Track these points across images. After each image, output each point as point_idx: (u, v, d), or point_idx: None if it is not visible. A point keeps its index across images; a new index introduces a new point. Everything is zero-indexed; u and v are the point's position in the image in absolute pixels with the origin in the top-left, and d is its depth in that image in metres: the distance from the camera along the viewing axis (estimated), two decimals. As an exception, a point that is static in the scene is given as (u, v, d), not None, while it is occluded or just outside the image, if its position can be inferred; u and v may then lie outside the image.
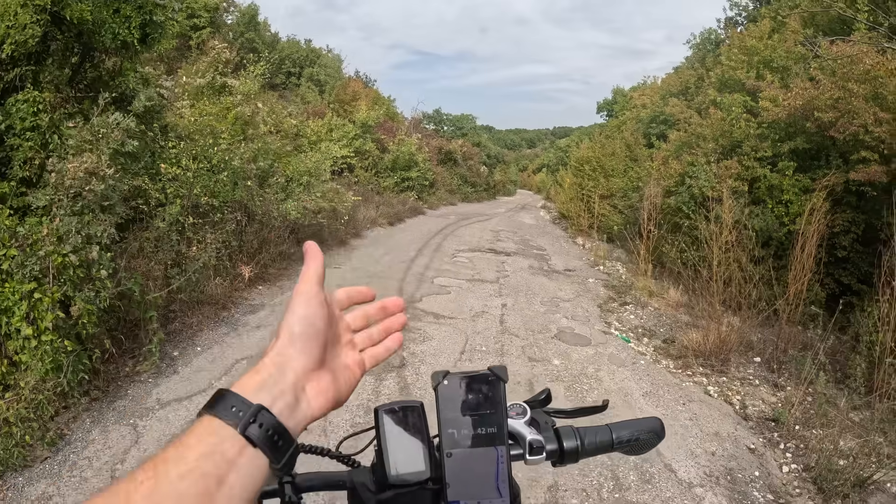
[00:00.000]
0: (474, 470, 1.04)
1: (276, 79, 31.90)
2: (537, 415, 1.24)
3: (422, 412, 1.07)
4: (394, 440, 1.05)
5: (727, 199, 8.78)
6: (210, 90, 11.43)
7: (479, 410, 1.04)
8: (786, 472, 5.03)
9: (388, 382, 6.21)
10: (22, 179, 5.62)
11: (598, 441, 1.22)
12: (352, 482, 1.16)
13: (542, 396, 1.29)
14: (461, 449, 1.04)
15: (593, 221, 19.25)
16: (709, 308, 8.03)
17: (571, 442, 1.20)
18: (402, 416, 1.06)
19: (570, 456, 1.20)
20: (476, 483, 1.04)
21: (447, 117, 72.36)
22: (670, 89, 24.87)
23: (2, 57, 5.46)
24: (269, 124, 13.33)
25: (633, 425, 1.27)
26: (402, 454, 1.05)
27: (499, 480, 1.04)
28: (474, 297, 10.02)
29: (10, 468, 4.22)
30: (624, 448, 1.26)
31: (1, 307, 4.87)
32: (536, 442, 1.15)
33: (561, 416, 1.29)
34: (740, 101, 12.45)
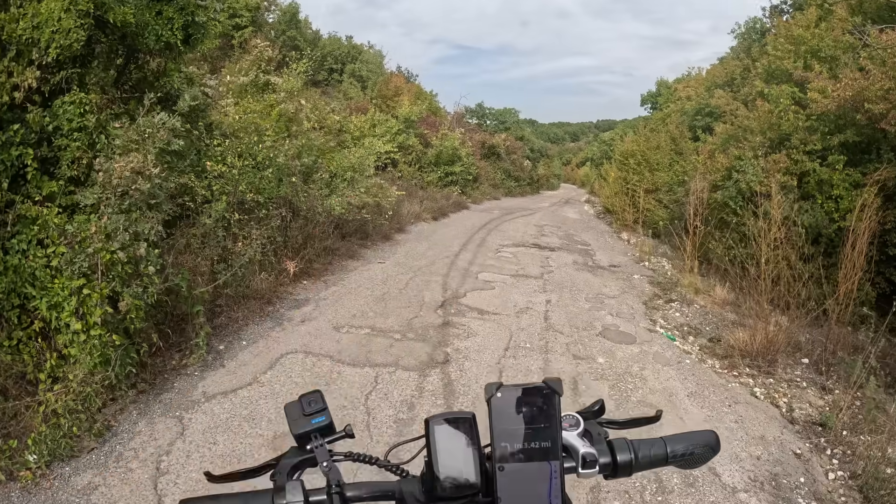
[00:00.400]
0: (527, 484, 1.02)
1: (318, 76, 32.13)
2: (590, 426, 1.22)
3: (473, 423, 1.07)
4: (444, 451, 1.05)
5: (776, 195, 8.60)
6: (253, 88, 11.53)
7: (534, 424, 1.03)
8: (831, 480, 4.92)
9: (432, 378, 6.21)
10: (70, 179, 5.69)
11: (653, 455, 1.20)
12: (400, 492, 1.15)
13: (595, 408, 1.27)
14: (514, 462, 1.02)
15: (638, 216, 19.04)
16: (756, 307, 7.88)
17: (625, 455, 1.18)
18: (453, 427, 1.06)
19: (623, 470, 1.18)
20: (528, 498, 1.02)
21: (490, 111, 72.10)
22: (715, 80, 24.52)
23: (48, 61, 5.54)
24: (313, 120, 13.40)
25: (687, 439, 1.24)
26: (452, 466, 1.05)
27: (551, 496, 1.02)
28: (518, 293, 9.98)
29: (57, 458, 4.30)
30: (678, 462, 1.23)
31: (51, 302, 4.97)
32: (590, 455, 1.13)
33: (613, 427, 1.27)
34: (788, 93, 12.16)
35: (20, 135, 5.39)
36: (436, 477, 1.04)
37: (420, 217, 17.79)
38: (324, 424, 1.18)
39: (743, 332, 7.63)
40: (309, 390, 1.21)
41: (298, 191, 10.05)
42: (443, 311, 8.54)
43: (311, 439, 1.16)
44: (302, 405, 1.19)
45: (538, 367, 6.71)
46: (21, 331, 5.14)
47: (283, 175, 9.52)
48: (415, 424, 5.21)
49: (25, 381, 4.86)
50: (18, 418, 4.49)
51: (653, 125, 26.12)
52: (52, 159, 5.75)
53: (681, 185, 16.43)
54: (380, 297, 8.90)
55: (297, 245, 9.71)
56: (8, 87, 5.35)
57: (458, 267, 11.65)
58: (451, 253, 13.12)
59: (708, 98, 22.38)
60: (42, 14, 5.42)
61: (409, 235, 15.26)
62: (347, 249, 11.62)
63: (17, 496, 3.93)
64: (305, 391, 1.21)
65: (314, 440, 1.16)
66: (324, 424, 1.18)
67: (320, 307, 8.20)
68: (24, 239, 5.26)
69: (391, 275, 10.46)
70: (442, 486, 1.04)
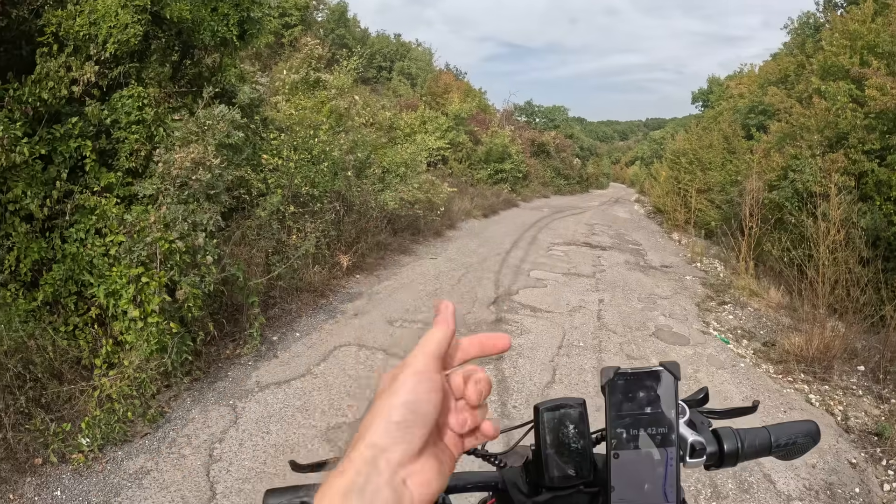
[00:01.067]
0: (641, 473, 0.95)
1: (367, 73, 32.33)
2: (693, 415, 1.14)
3: (584, 411, 1.01)
4: (553, 439, 0.99)
5: (834, 196, 8.38)
6: (304, 85, 11.59)
7: (649, 409, 0.95)
8: (887, 491, 4.75)
9: (485, 373, 6.14)
10: (128, 170, 5.78)
11: (758, 444, 1.14)
12: (503, 482, 1.10)
13: (700, 396, 1.20)
14: (628, 450, 0.95)
15: (689, 217, 18.75)
16: (812, 311, 7.68)
17: (731, 444, 1.12)
18: (563, 414, 1.00)
19: (729, 459, 1.12)
20: (642, 487, 0.95)
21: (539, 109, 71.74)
22: (768, 77, 23.96)
23: (105, 56, 5.62)
24: (364, 116, 13.45)
25: (790, 428, 1.18)
26: (561, 454, 0.99)
27: (666, 485, 0.95)
28: (570, 292, 9.89)
29: (110, 442, 4.34)
30: (780, 452, 1.17)
31: (109, 290, 5.03)
32: (699, 444, 1.05)
33: (713, 417, 1.20)
34: (845, 90, 11.77)
35: (79, 127, 5.50)
36: (544, 466, 0.98)
37: (471, 214, 17.80)
38: None
39: (798, 336, 7.41)
40: None
41: (352, 185, 10.10)
42: (495, 307, 8.49)
43: None
44: None
45: (591, 366, 6.62)
46: (77, 317, 5.22)
47: (337, 169, 9.57)
48: (470, 420, 5.16)
49: (81, 366, 4.91)
50: (73, 402, 4.54)
51: (705, 123, 25.68)
52: (110, 151, 5.86)
53: (734, 185, 16.10)
54: (432, 293, 8.88)
55: (351, 239, 9.74)
56: (66, 81, 5.44)
57: (509, 264, 11.59)
58: (502, 250, 13.07)
59: (761, 95, 21.90)
60: (99, 10, 5.51)
61: (460, 232, 15.26)
62: (399, 245, 11.66)
63: (68, 478, 3.97)
64: None
65: None
66: None
67: (373, 301, 8.20)
68: (83, 228, 5.36)
69: (443, 271, 10.45)
70: (550, 476, 0.98)
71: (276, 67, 13.13)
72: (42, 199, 5.24)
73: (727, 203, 16.20)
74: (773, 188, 12.43)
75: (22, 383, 4.29)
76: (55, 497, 3.79)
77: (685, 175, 20.28)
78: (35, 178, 5.22)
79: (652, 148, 60.45)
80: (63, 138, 5.42)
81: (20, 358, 4.38)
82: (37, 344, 4.60)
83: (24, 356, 4.44)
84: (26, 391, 4.27)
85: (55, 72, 5.38)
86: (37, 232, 5.30)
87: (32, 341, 4.56)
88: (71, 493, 3.84)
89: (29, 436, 4.08)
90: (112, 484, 3.96)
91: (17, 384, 4.26)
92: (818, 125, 12.01)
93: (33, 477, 3.93)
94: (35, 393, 4.39)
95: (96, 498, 3.81)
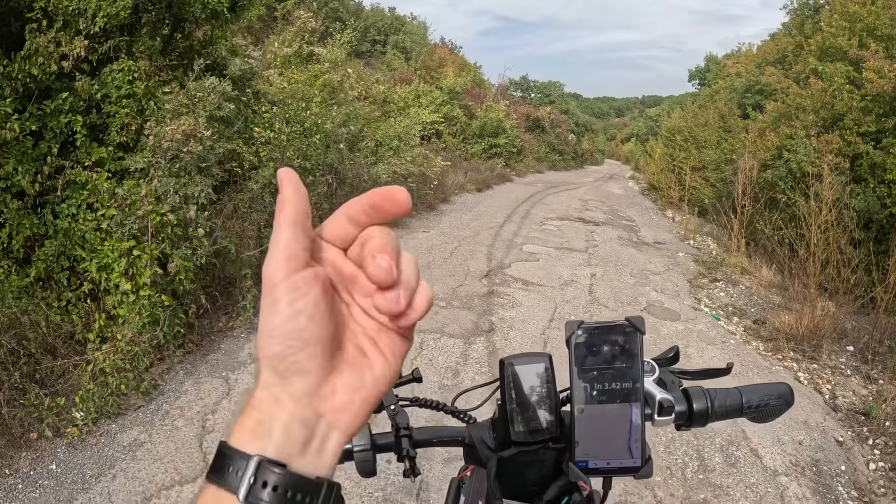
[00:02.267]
0: (606, 428, 0.96)
1: (361, 47, 32.11)
2: (664, 374, 1.14)
3: (550, 365, 1.01)
4: (519, 394, 0.99)
5: (827, 176, 8.39)
6: (297, 59, 11.52)
7: (614, 364, 0.96)
8: (872, 470, 4.79)
9: (477, 346, 6.19)
10: (119, 145, 5.77)
11: (728, 404, 1.14)
12: (470, 438, 1.10)
13: (670, 354, 1.19)
14: (593, 405, 0.96)
15: (684, 194, 18.72)
16: (803, 290, 7.72)
17: (701, 404, 1.11)
18: (529, 369, 1.00)
19: (698, 419, 1.12)
20: (607, 442, 0.96)
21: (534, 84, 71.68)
22: (766, 57, 23.80)
23: (95, 30, 5.58)
24: (357, 89, 13.38)
25: (762, 390, 1.18)
26: (527, 409, 1.00)
27: (631, 440, 0.96)
28: (563, 266, 9.91)
29: (104, 415, 4.36)
30: (752, 413, 1.17)
31: (101, 264, 5.04)
32: (667, 401, 1.05)
33: (685, 377, 1.19)
34: (843, 71, 11.72)
35: (69, 103, 5.47)
36: (510, 421, 0.99)
37: (464, 188, 17.72)
38: None
39: (789, 315, 7.45)
40: None
41: (344, 158, 10.07)
42: (488, 280, 8.51)
43: None
44: None
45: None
46: (70, 292, 5.23)
47: (330, 142, 9.54)
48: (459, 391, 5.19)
49: (74, 340, 4.93)
50: (66, 377, 4.56)
51: (701, 101, 25.61)
52: (101, 126, 5.84)
53: (728, 164, 16.06)
54: (424, 266, 8.88)
55: (343, 212, 9.63)
56: (56, 56, 5.40)
57: (502, 238, 11.60)
58: (495, 224, 13.06)
59: (758, 75, 21.78)
60: (88, -16, 5.46)
61: (453, 206, 15.22)
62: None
63: (63, 452, 4.00)
64: None
65: None
66: None
67: (366, 275, 8.14)
68: (74, 203, 5.36)
69: (436, 244, 10.46)
70: (516, 431, 0.99)
71: (268, 40, 13.02)
72: (33, 176, 5.22)
73: (721, 181, 16.17)
74: (768, 167, 12.38)
75: (16, 359, 4.31)
76: (50, 471, 3.81)
77: (680, 152, 20.19)
78: (26, 154, 5.20)
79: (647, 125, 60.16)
80: (53, 114, 5.40)
81: (13, 334, 4.38)
82: (30, 320, 4.60)
83: (18, 332, 4.44)
84: (20, 367, 4.28)
85: (45, 47, 5.34)
86: (28, 208, 5.28)
87: (26, 317, 4.57)
88: (66, 466, 3.87)
89: (23, 411, 4.10)
90: (106, 456, 3.98)
91: (11, 360, 4.27)
92: (814, 106, 11.93)
93: (28, 452, 3.95)
94: (29, 368, 4.40)
95: (90, 471, 3.84)
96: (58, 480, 3.74)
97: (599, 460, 0.97)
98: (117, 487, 3.71)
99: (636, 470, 0.97)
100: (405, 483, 3.86)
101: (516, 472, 1.05)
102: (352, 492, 3.76)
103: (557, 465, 1.04)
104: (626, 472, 0.98)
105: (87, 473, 3.81)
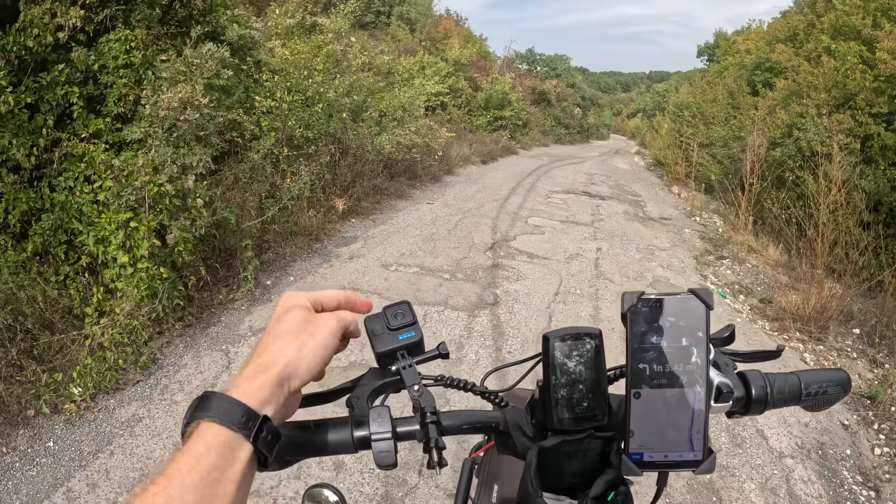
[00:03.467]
0: (664, 416, 0.84)
1: (366, 18, 31.80)
2: (717, 355, 0.99)
3: (600, 343, 0.88)
4: (564, 375, 0.87)
5: (837, 156, 8.26)
6: (300, 29, 11.37)
7: (677, 342, 0.83)
8: (877, 455, 4.72)
9: (481, 319, 6.11)
10: (117, 116, 5.70)
11: (788, 391, 1.00)
12: (505, 423, 0.96)
13: (725, 334, 1.03)
14: (651, 389, 0.84)
15: (690, 170, 18.53)
16: (810, 270, 7.64)
17: (760, 389, 0.98)
18: (575, 347, 0.87)
19: (756, 406, 0.98)
20: (664, 432, 0.84)
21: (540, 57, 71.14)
22: (777, 35, 23.50)
23: (91, 0, 5.49)
24: (361, 59, 13.25)
25: (820, 376, 1.03)
26: (574, 392, 0.87)
27: (693, 430, 0.84)
28: (568, 239, 9.83)
29: (102, 390, 4.29)
30: (810, 401, 1.02)
31: (98, 237, 4.96)
32: (725, 386, 0.92)
33: (737, 359, 1.04)
34: (856, 51, 11.52)
35: (65, 74, 5.40)
36: (553, 405, 0.87)
37: (469, 160, 17.62)
38: (413, 341, 0.96)
39: (796, 295, 7.38)
40: (395, 301, 0.98)
41: (348, 128, 9.98)
42: (492, 252, 8.42)
43: (396, 359, 0.95)
44: (386, 318, 0.96)
45: (588, 314, 6.59)
46: (68, 266, 5.17)
47: (332, 111, 9.44)
48: (463, 364, 5.14)
49: (72, 315, 4.86)
50: (64, 352, 4.49)
51: (710, 77, 25.29)
52: (98, 97, 5.78)
53: (737, 141, 15.88)
54: (429, 237, 8.81)
55: (346, 183, 9.67)
56: (52, 27, 5.30)
57: (507, 210, 11.50)
58: (500, 196, 12.97)
59: (768, 52, 21.48)
60: (83, -48, 5.35)
61: (457, 178, 15.14)
62: (396, 189, 11.57)
63: (60, 429, 3.93)
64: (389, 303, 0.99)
65: (400, 360, 0.95)
66: (413, 341, 0.96)
67: (368, 245, 8.14)
68: (71, 176, 5.30)
69: (440, 216, 10.37)
70: (560, 418, 0.87)
71: (270, 9, 12.86)
72: (29, 149, 5.15)
73: (729, 158, 16.03)
74: (777, 145, 12.22)
75: (13, 335, 4.24)
76: (48, 448, 3.75)
77: (687, 128, 20.01)
78: (21, 127, 5.13)
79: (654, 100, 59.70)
80: (49, 86, 5.32)
81: (10, 310, 4.32)
82: (27, 295, 4.53)
83: (15, 308, 4.38)
84: (17, 343, 4.22)
85: (39, 18, 5.22)
86: (25, 182, 5.22)
87: (23, 293, 4.50)
88: (63, 443, 3.80)
89: (21, 388, 4.03)
90: (104, 432, 3.91)
91: (8, 336, 4.21)
92: (826, 84, 11.74)
93: (26, 429, 3.88)
94: (26, 344, 4.34)
95: (88, 447, 3.78)
96: (55, 458, 3.67)
97: (656, 453, 0.85)
98: (115, 464, 3.64)
99: (696, 464, 0.86)
100: (410, 459, 3.79)
101: (556, 464, 0.92)
102: (352, 467, 3.68)
103: (602, 456, 0.91)
104: (684, 466, 0.86)
105: (85, 450, 3.75)
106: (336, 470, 3.65)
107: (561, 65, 72.72)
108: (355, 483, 3.56)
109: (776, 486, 4.15)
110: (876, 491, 4.26)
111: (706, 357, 0.84)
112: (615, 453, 0.89)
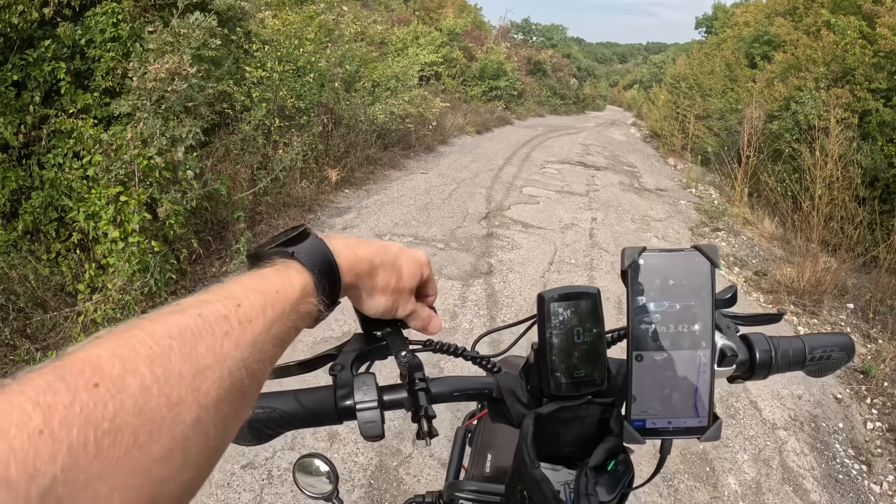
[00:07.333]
0: (668, 380, 0.80)
1: (358, -14, 31.52)
2: (719, 318, 0.93)
3: (598, 302, 0.84)
4: (561, 337, 0.83)
5: (834, 129, 8.22)
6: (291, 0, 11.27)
7: (681, 302, 0.80)
8: (869, 430, 4.74)
9: (475, 289, 6.11)
10: (105, 91, 5.67)
11: (792, 355, 0.96)
12: (498, 389, 0.91)
13: (727, 295, 0.97)
14: (654, 352, 0.80)
15: (686, 142, 18.46)
16: (805, 244, 7.65)
17: (765, 353, 0.94)
18: (572, 307, 0.83)
19: (760, 370, 0.94)
20: (668, 397, 0.81)
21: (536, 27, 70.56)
22: (776, 8, 23.34)
23: (77, -28, 5.45)
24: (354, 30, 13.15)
25: (825, 340, 0.99)
26: (571, 356, 0.83)
27: (697, 395, 0.80)
28: (563, 209, 9.80)
29: (93, 370, 4.28)
30: (814, 366, 0.99)
31: (88, 212, 4.94)
32: (729, 349, 0.88)
33: (738, 322, 0.98)
34: (856, 25, 11.41)
35: (52, 50, 5.38)
36: (549, 370, 0.83)
37: (463, 130, 17.57)
38: None
39: (790, 268, 7.40)
40: None
41: (340, 98, 9.94)
42: (486, 222, 8.40)
43: (381, 324, 0.90)
44: None
45: (582, 283, 6.56)
46: (59, 243, 5.17)
47: (324, 81, 9.38)
48: (457, 334, 5.14)
49: (64, 292, 4.86)
50: (57, 330, 4.48)
51: (707, 49, 25.13)
52: (85, 72, 5.76)
53: (734, 113, 15.80)
54: (423, 207, 8.79)
55: (339, 153, 9.63)
56: (37, 3, 5.27)
57: (502, 180, 11.47)
58: (495, 166, 12.92)
59: (767, 25, 21.30)
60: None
61: (452, 148, 15.09)
62: (390, 159, 11.54)
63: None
64: None
65: (386, 325, 0.90)
66: None
67: (362, 215, 8.12)
68: (60, 152, 5.29)
69: (434, 185, 10.34)
70: (557, 383, 0.83)
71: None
72: (17, 127, 5.13)
73: (725, 130, 15.96)
74: (774, 118, 12.16)
75: (5, 315, 4.25)
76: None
77: (684, 100, 19.89)
78: (8, 105, 5.10)
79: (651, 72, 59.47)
80: (36, 63, 5.30)
81: (2, 290, 4.32)
82: (19, 274, 4.52)
83: (7, 287, 4.38)
84: (10, 322, 4.22)
85: (24, -6, 5.19)
86: (13, 160, 5.21)
87: (14, 272, 4.49)
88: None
89: (15, 367, 4.02)
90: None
91: (1, 316, 4.21)
92: (825, 58, 11.66)
93: (20, 410, 3.89)
94: (19, 324, 4.34)
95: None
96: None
97: (659, 419, 0.82)
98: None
99: (701, 431, 0.82)
100: (402, 427, 3.79)
101: (552, 432, 0.88)
102: (346, 437, 3.68)
103: (601, 423, 0.88)
104: (689, 433, 0.82)
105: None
106: (330, 440, 3.64)
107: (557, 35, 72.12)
108: (349, 453, 3.56)
109: (769, 457, 4.16)
110: (868, 465, 4.28)
111: (712, 318, 0.81)
112: (615, 420, 0.86)
